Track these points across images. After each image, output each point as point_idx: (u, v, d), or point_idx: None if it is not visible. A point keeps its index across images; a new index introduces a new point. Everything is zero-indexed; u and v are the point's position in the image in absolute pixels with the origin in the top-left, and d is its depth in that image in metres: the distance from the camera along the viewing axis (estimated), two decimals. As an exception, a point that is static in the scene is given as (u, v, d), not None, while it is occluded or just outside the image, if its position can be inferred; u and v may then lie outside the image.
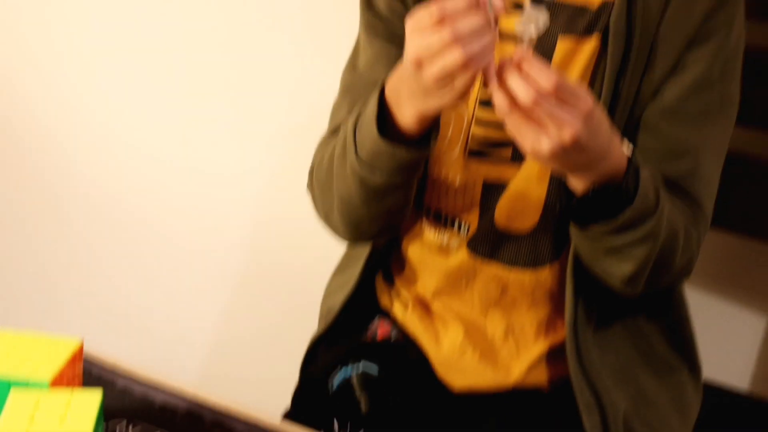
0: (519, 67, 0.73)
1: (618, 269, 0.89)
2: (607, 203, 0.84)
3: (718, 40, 0.92)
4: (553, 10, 0.94)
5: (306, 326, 1.09)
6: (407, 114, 0.82)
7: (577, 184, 0.84)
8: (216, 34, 1.66)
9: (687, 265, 0.95)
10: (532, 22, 0.78)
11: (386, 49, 0.99)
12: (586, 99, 0.76)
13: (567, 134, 0.74)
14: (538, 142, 0.75)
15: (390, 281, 1.06)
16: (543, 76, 0.73)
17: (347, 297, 1.03)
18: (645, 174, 0.85)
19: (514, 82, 0.73)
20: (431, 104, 0.79)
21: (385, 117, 0.84)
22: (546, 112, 0.74)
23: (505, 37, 0.92)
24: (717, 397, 1.19)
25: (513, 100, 0.73)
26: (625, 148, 0.84)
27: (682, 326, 1.01)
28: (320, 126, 1.02)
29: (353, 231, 0.97)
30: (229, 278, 1.74)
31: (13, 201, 1.90)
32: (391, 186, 0.88)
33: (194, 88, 1.70)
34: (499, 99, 0.74)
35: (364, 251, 1.04)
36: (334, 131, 0.99)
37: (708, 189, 0.96)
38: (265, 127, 1.64)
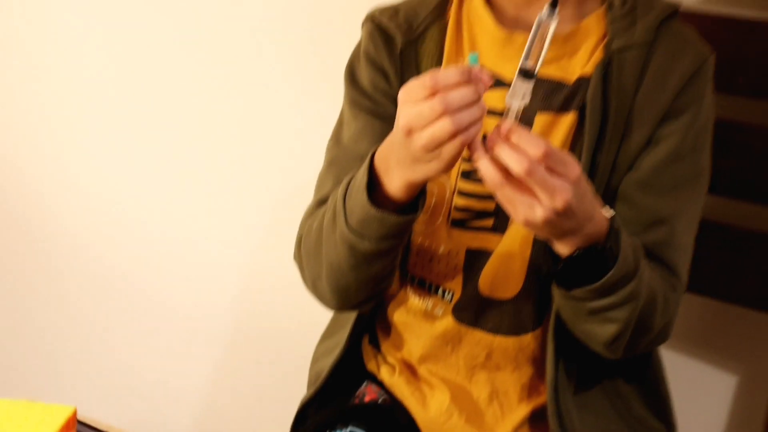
0: (507, 139, 0.75)
1: (601, 331, 0.91)
2: (591, 266, 0.85)
3: (689, 115, 0.96)
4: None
5: (295, 389, 1.10)
6: (396, 181, 0.84)
7: (563, 248, 0.85)
8: (200, 113, 1.68)
9: (665, 328, 0.97)
10: (519, 95, 0.79)
11: (370, 124, 1.01)
12: (574, 165, 0.77)
13: (559, 201, 0.76)
14: (532, 211, 0.76)
15: (376, 346, 1.07)
16: (533, 145, 0.74)
17: (335, 362, 1.04)
18: (625, 237, 0.87)
19: (506, 154, 0.75)
20: (419, 172, 0.81)
21: (374, 185, 0.86)
22: (537, 181, 0.75)
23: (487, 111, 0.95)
24: None
25: (504, 172, 0.75)
26: (605, 212, 0.86)
27: (658, 387, 1.03)
28: (306, 197, 1.04)
29: (340, 298, 0.98)
30: (219, 343, 1.76)
31: (9, 270, 1.91)
32: (379, 252, 0.89)
33: (183, 161, 1.72)
34: (489, 172, 0.76)
35: (350, 317, 1.05)
36: (319, 202, 1.01)
37: (683, 256, 0.99)
38: (253, 196, 1.67)
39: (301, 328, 1.24)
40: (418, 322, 1.03)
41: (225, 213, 1.71)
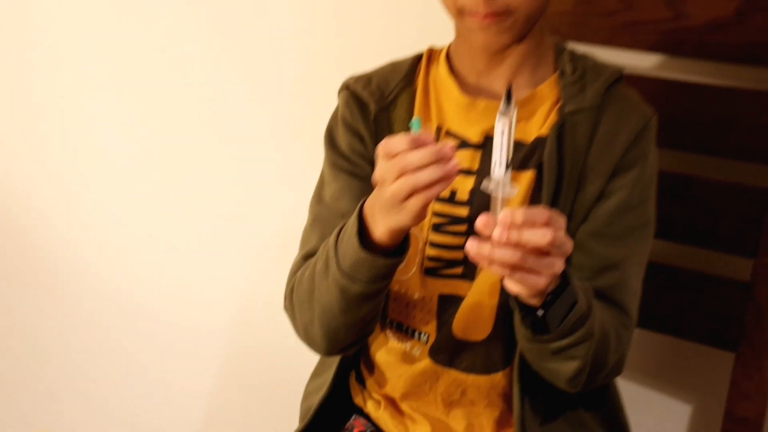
0: (514, 227, 0.78)
1: (564, 368, 0.96)
2: (554, 312, 0.91)
3: (636, 170, 1.02)
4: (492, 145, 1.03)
5: (287, 424, 1.15)
6: (380, 228, 0.90)
7: (536, 302, 0.90)
8: (199, 161, 1.74)
9: (619, 363, 1.03)
10: (501, 186, 0.83)
11: (349, 183, 1.07)
12: (568, 244, 0.83)
13: (556, 272, 0.83)
14: (537, 284, 0.82)
15: (362, 383, 1.12)
16: (539, 236, 0.79)
17: (323, 398, 1.09)
18: (577, 282, 0.93)
19: (500, 251, 0.79)
20: (394, 221, 0.87)
21: (363, 232, 0.92)
22: (536, 264, 0.81)
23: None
24: None
25: (512, 264, 0.79)
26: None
27: (617, 416, 1.09)
28: (294, 243, 1.11)
29: (330, 341, 1.03)
30: (213, 380, 1.79)
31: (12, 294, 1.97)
32: (368, 294, 0.95)
33: (184, 201, 1.77)
34: (507, 256, 0.79)
35: (335, 358, 1.11)
36: (305, 256, 1.07)
37: (633, 297, 1.04)
38: (244, 248, 1.72)
39: (293, 366, 1.28)
40: (399, 362, 1.08)
41: (219, 262, 1.75)
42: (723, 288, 1.20)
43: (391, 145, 0.83)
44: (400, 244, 0.92)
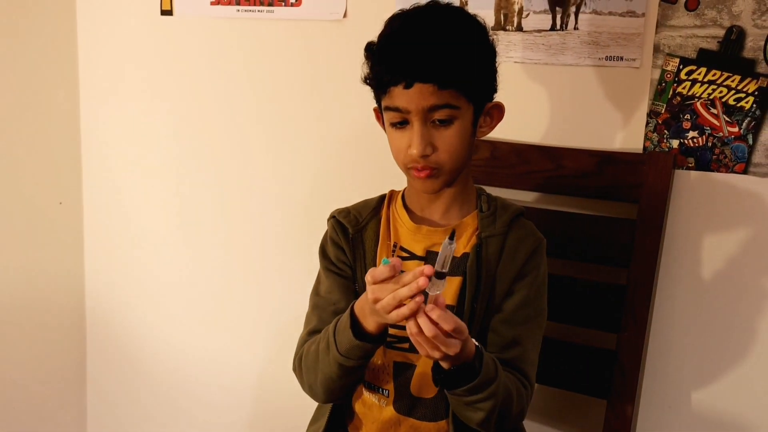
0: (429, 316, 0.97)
1: (474, 416, 1.11)
2: (464, 375, 1.06)
3: (531, 277, 1.20)
4: (432, 258, 1.17)
5: None
6: (372, 325, 1.08)
7: (445, 365, 1.06)
8: (208, 253, 1.96)
9: (521, 413, 1.18)
10: (436, 288, 1.00)
11: (337, 281, 1.26)
12: (465, 330, 1.00)
13: (452, 351, 1.00)
14: (436, 354, 1.01)
15: (344, 428, 1.28)
16: (446, 321, 0.97)
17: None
18: (487, 356, 1.07)
19: (426, 326, 0.97)
20: (383, 320, 1.05)
21: (355, 326, 1.09)
22: (441, 342, 0.98)
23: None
24: None
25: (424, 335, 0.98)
26: (474, 342, 1.07)
27: None
28: (297, 331, 1.29)
29: (328, 396, 1.22)
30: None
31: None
32: (358, 367, 1.13)
33: (211, 292, 1.98)
34: (426, 327, 0.98)
35: (327, 408, 1.27)
36: (309, 333, 1.24)
37: (531, 366, 1.20)
38: (258, 326, 1.93)
39: (299, 414, 1.40)
40: (371, 411, 1.24)
41: (235, 338, 1.96)
42: (596, 354, 1.42)
43: (376, 274, 1.01)
44: (383, 331, 1.10)
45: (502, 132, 1.44)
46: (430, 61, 1.09)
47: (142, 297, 2.08)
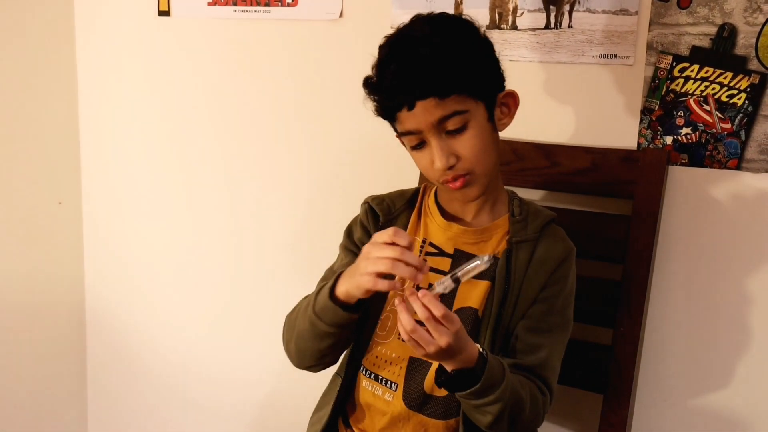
0: (420, 300, 0.98)
1: (482, 419, 1.11)
2: (467, 379, 1.05)
3: (559, 286, 1.19)
4: (459, 256, 1.21)
5: None
6: (341, 288, 1.09)
7: (448, 366, 1.05)
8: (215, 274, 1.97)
9: (536, 419, 1.16)
10: (443, 287, 1.01)
11: (352, 260, 1.18)
12: (457, 322, 0.99)
13: (444, 341, 0.99)
14: (429, 346, 0.99)
15: (346, 420, 1.27)
16: (435, 308, 0.98)
17: (322, 428, 1.26)
18: (493, 361, 1.06)
19: (417, 306, 0.98)
20: (349, 285, 1.06)
21: (335, 288, 1.09)
22: (432, 327, 0.98)
23: (431, 269, 1.17)
24: None
25: (414, 325, 0.97)
26: (479, 348, 1.05)
27: None
28: None
29: (299, 358, 1.21)
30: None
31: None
32: (327, 333, 1.13)
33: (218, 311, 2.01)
34: (405, 320, 0.98)
35: (332, 398, 1.26)
36: None
37: (552, 373, 1.18)
38: (259, 326, 1.93)
39: (304, 405, 1.41)
40: (376, 403, 1.23)
41: (240, 339, 1.96)
42: (592, 350, 1.43)
43: (378, 235, 1.03)
44: (356, 305, 1.09)
45: None
46: (422, 77, 1.09)
47: (141, 296, 2.09)
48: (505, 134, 1.44)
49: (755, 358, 1.44)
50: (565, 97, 1.51)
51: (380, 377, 1.25)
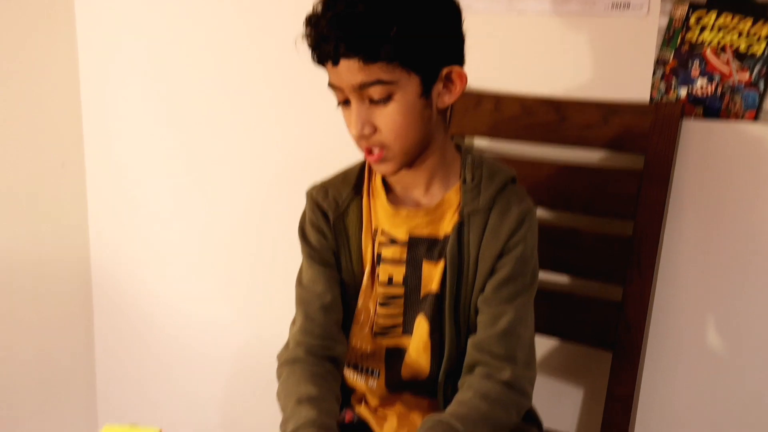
0: None
1: None
2: None
3: (515, 252, 1.12)
4: (415, 243, 1.16)
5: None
6: None
7: None
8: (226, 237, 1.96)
9: (520, 412, 1.14)
10: None
11: (321, 271, 1.19)
12: None
13: None
14: None
15: (347, 395, 1.27)
16: None
17: None
18: None
19: None
20: None
21: None
22: None
23: (388, 261, 1.17)
24: None
25: None
26: None
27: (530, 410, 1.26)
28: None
29: None
30: (240, 379, 2.03)
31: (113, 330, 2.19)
32: None
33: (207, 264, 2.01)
34: None
35: None
36: (298, 332, 1.19)
37: (518, 341, 1.13)
38: (265, 285, 1.94)
39: None
40: (363, 391, 1.25)
41: (246, 299, 1.98)
42: (603, 307, 1.41)
43: None
44: None
45: (505, 84, 1.48)
46: (349, 35, 1.01)
47: (147, 256, 2.10)
48: (512, 88, 1.47)
49: (768, 316, 1.41)
50: (576, 49, 1.46)
51: (360, 366, 1.25)
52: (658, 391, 1.51)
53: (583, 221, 1.46)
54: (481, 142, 1.55)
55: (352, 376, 1.25)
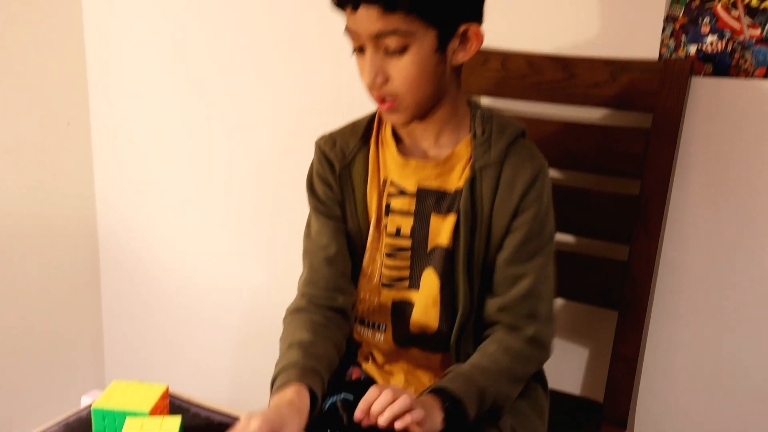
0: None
1: (506, 404, 1.14)
2: (456, 419, 1.04)
3: (532, 210, 1.12)
4: (424, 194, 1.16)
5: None
6: None
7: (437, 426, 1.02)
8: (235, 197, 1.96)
9: (539, 365, 1.19)
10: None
11: (327, 224, 1.20)
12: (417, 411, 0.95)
13: (417, 417, 0.95)
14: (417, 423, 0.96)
15: (354, 352, 1.29)
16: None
17: None
18: (462, 391, 1.04)
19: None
20: None
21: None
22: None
23: (397, 212, 1.17)
24: (559, 400, 1.40)
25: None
26: (439, 402, 1.03)
27: None
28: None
29: None
30: (249, 341, 2.04)
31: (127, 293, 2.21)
32: None
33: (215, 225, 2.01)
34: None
35: None
36: (303, 283, 1.21)
37: (539, 300, 1.14)
38: (269, 241, 1.94)
39: None
40: (374, 344, 1.25)
41: (251, 255, 1.98)
42: (609, 266, 1.42)
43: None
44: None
45: (513, 42, 1.46)
46: None
47: (153, 215, 2.10)
48: (520, 46, 1.45)
49: (776, 274, 1.41)
50: (584, 5, 1.44)
51: (367, 321, 1.25)
52: (662, 351, 1.51)
53: (589, 180, 1.46)
54: (487, 101, 1.54)
55: (360, 330, 1.25)
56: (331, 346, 1.16)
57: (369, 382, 1.26)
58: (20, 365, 2.07)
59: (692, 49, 1.39)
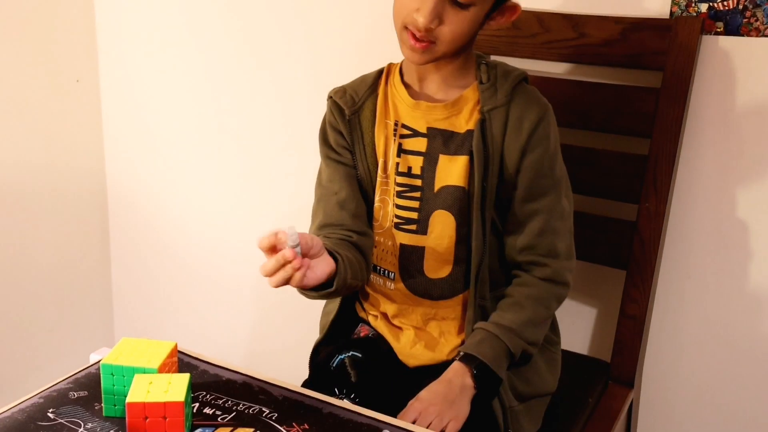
0: None
1: (533, 350, 1.20)
2: (490, 384, 1.14)
3: (540, 149, 1.17)
4: (433, 134, 1.20)
5: (311, 335, 1.35)
6: None
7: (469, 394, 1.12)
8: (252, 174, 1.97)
9: (561, 301, 1.23)
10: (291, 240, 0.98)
11: (337, 169, 1.25)
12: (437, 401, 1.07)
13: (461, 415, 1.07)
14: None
15: (362, 305, 1.31)
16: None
17: (336, 315, 1.28)
18: (490, 355, 1.12)
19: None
20: None
21: None
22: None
23: (409, 152, 1.21)
24: (567, 359, 1.37)
25: None
26: (467, 380, 1.11)
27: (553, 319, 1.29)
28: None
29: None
30: (258, 306, 2.07)
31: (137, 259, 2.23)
32: (321, 297, 1.16)
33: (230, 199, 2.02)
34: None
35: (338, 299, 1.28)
36: (317, 228, 1.24)
37: (557, 237, 1.19)
38: (279, 202, 1.95)
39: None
40: (386, 292, 1.27)
41: (260, 215, 1.99)
42: (618, 226, 1.42)
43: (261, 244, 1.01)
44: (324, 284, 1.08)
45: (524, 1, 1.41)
46: None
47: (161, 169, 2.11)
48: (530, 4, 1.42)
49: (784, 236, 1.40)
50: (595, -38, 1.42)
51: (378, 267, 1.27)
52: (670, 311, 1.52)
53: (599, 139, 1.45)
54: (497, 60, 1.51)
55: (372, 279, 1.27)
56: (346, 248, 1.18)
57: (376, 340, 1.28)
58: (30, 323, 2.09)
59: (703, 7, 1.37)
